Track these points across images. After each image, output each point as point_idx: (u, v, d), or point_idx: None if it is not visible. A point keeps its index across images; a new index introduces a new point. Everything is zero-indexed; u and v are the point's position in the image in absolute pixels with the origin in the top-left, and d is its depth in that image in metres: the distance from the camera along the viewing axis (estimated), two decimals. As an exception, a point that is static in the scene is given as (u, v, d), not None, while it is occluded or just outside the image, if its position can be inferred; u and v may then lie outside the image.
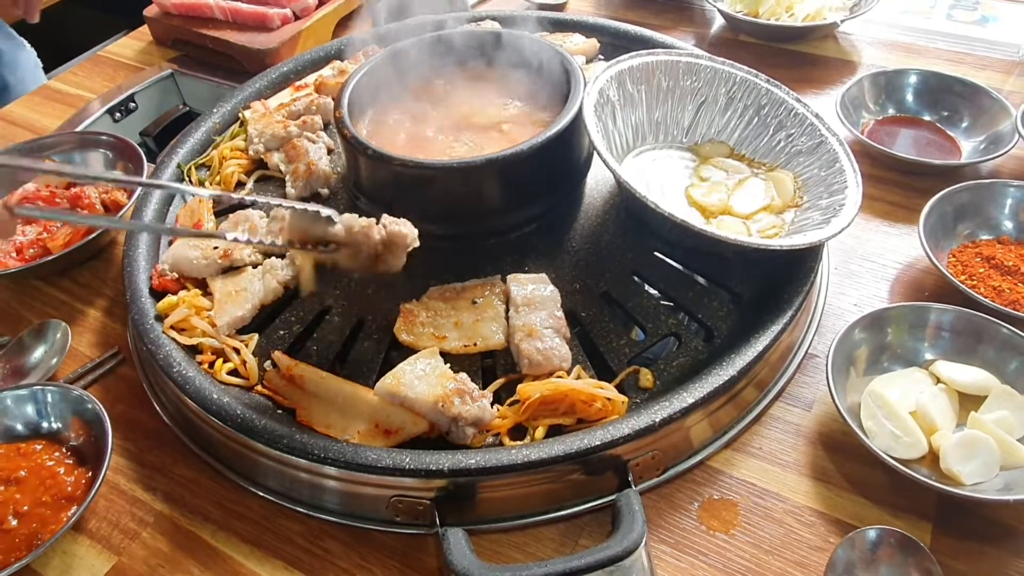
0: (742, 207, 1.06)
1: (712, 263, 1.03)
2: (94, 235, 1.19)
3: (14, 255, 1.19)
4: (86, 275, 1.23)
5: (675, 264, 1.03)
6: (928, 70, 1.37)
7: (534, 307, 0.94)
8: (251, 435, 0.86)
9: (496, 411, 0.88)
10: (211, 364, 0.96)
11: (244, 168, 1.24)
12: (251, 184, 1.22)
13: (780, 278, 0.98)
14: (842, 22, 1.55)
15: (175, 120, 1.68)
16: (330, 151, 1.23)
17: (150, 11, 1.79)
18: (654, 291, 1.01)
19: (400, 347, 0.94)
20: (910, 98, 1.38)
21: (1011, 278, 1.04)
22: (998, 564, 0.81)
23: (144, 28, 1.85)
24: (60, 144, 1.36)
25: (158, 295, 1.04)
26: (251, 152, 1.24)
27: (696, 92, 1.16)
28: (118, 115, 1.65)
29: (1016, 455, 0.84)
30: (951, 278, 1.02)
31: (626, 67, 1.11)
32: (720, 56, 1.17)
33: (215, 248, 1.05)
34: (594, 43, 1.40)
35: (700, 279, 1.02)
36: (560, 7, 1.79)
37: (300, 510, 0.90)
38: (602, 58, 1.40)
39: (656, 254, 1.04)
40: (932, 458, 0.86)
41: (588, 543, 0.85)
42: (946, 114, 1.35)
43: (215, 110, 1.33)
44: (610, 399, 0.87)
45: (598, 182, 1.13)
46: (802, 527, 0.85)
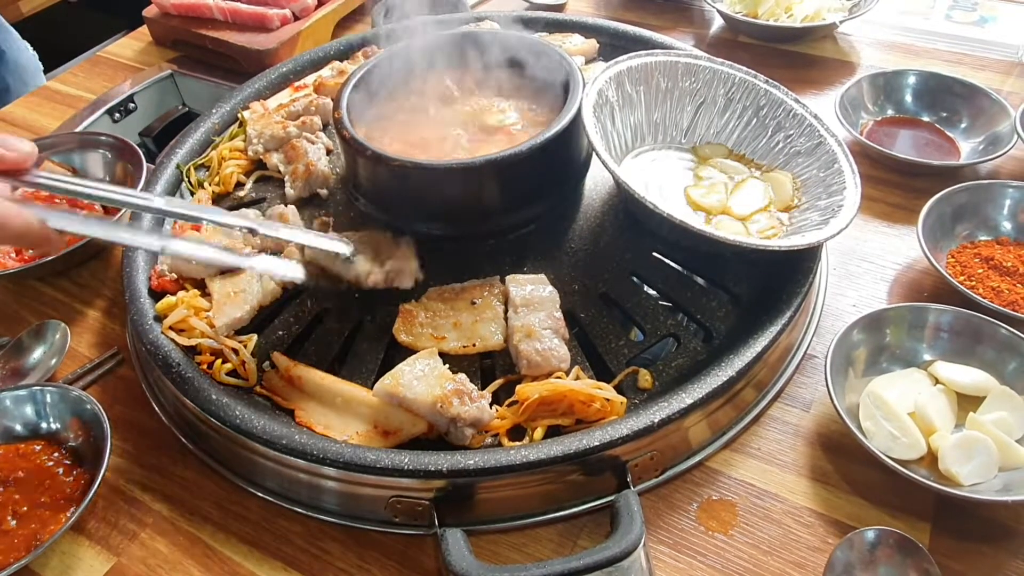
0: (741, 208, 1.06)
1: (711, 264, 1.03)
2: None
3: (13, 255, 1.19)
4: (85, 276, 1.23)
5: (674, 265, 1.03)
6: (927, 71, 1.37)
7: (533, 308, 0.94)
8: (250, 436, 0.86)
9: (495, 412, 0.88)
10: (210, 365, 0.96)
11: (243, 168, 1.24)
12: (250, 184, 1.22)
13: (779, 279, 0.98)
14: (841, 23, 1.55)
15: (174, 121, 1.69)
16: (329, 152, 1.23)
17: (149, 12, 1.79)
18: (653, 292, 1.01)
19: (399, 348, 0.94)
20: (909, 99, 1.38)
21: (1010, 279, 1.04)
22: (996, 565, 0.81)
23: (143, 29, 1.85)
24: (59, 145, 1.36)
25: (157, 296, 1.04)
26: (250, 153, 1.24)
27: (695, 93, 1.16)
28: (117, 116, 1.65)
29: (1014, 456, 0.84)
30: (950, 279, 1.02)
31: (625, 68, 1.11)
32: (719, 57, 1.17)
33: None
34: (593, 44, 1.40)
35: (699, 280, 1.02)
36: (559, 8, 1.79)
37: (299, 511, 0.90)
38: (601, 59, 1.40)
39: (655, 255, 1.04)
40: (931, 459, 0.87)
41: (587, 544, 0.85)
42: (945, 115, 1.35)
43: (214, 111, 1.33)
44: (609, 400, 0.87)
45: (597, 183, 1.13)
46: (801, 528, 0.85)
